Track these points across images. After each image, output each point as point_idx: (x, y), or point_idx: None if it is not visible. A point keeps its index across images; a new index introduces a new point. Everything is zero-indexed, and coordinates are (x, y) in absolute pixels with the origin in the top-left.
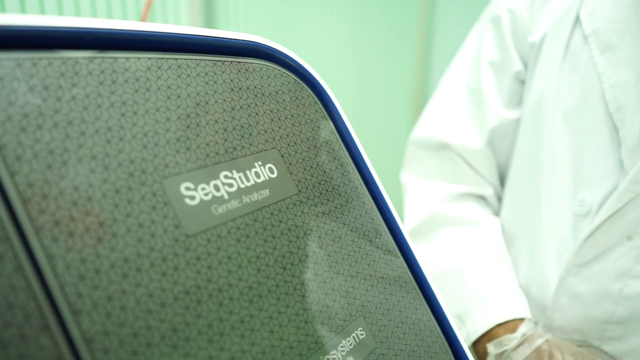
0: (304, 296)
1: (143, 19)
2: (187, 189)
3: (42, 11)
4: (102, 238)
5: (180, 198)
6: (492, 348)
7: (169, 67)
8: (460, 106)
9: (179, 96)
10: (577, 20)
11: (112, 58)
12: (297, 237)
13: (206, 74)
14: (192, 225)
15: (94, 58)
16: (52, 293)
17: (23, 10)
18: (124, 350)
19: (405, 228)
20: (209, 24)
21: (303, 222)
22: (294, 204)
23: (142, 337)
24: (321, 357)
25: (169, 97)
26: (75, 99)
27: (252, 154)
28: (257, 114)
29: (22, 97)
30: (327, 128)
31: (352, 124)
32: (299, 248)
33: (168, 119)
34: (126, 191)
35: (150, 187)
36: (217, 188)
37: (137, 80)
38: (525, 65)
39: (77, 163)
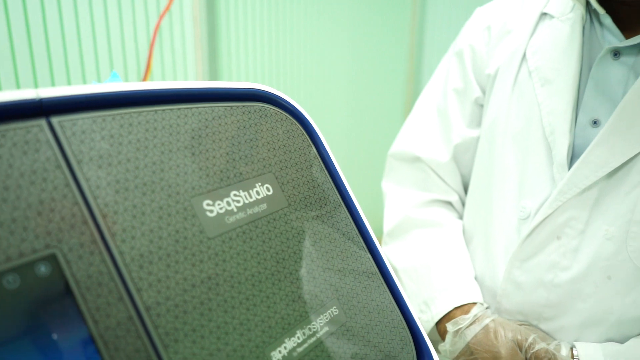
0: (292, 282)
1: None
2: (208, 204)
3: (65, 54)
4: (152, 240)
5: (203, 211)
6: (450, 326)
7: (192, 114)
8: (431, 125)
9: (200, 135)
10: (524, 57)
11: (153, 111)
12: (287, 238)
13: (219, 117)
14: (212, 231)
15: (141, 112)
16: (124, 277)
17: (31, 56)
18: (169, 315)
19: (372, 232)
20: (212, 27)
21: (291, 228)
22: (285, 214)
23: (180, 307)
24: (305, 326)
25: (193, 137)
26: (130, 143)
27: (254, 177)
28: (257, 145)
29: (98, 144)
30: (311, 154)
31: (346, 126)
32: (288, 246)
33: (193, 154)
34: (167, 207)
35: (182, 204)
36: (228, 204)
37: (171, 126)
38: (484, 92)
39: (134, 188)
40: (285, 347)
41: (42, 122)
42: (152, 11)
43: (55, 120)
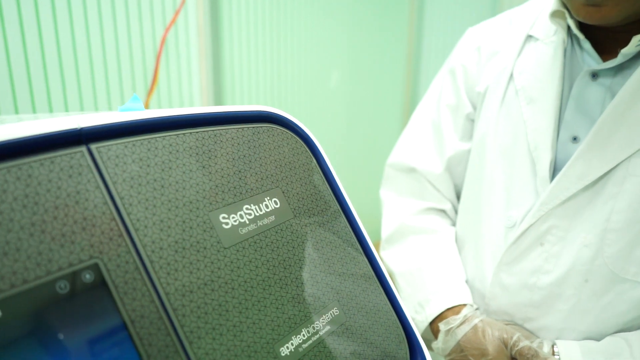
0: (297, 285)
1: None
2: (223, 218)
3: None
4: (177, 250)
5: (219, 224)
6: (442, 326)
7: (209, 137)
8: (426, 138)
9: (216, 156)
10: (511, 77)
11: (175, 135)
12: (293, 246)
13: (232, 138)
14: (227, 241)
15: (165, 136)
16: (154, 283)
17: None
18: (192, 316)
19: (369, 237)
20: (216, 38)
21: (297, 237)
22: (291, 225)
23: (202, 309)
24: (309, 325)
25: (210, 157)
26: (157, 164)
27: (263, 192)
28: (266, 163)
29: (129, 166)
30: (314, 169)
31: (345, 135)
32: (294, 254)
33: (210, 172)
34: (188, 220)
35: (202, 218)
36: (241, 216)
37: (190, 148)
38: (474, 108)
39: (161, 205)
40: (291, 344)
41: (83, 149)
42: (159, 23)
43: (93, 147)
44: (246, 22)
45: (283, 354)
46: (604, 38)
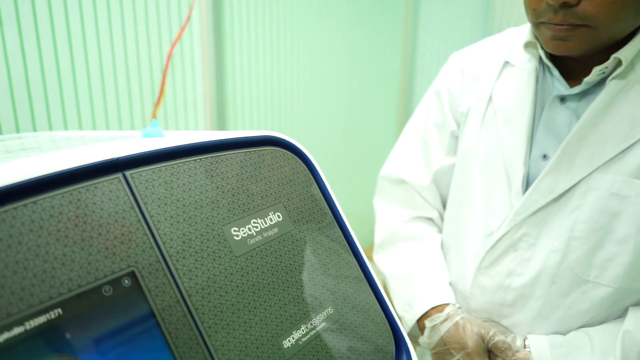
0: (298, 288)
1: (165, 70)
2: (235, 231)
3: (92, 110)
4: (197, 259)
5: (231, 236)
6: (427, 323)
7: (222, 161)
8: (414, 153)
9: (227, 177)
10: (490, 99)
11: (193, 160)
12: (294, 254)
13: (241, 161)
14: (238, 251)
15: (185, 162)
16: (179, 287)
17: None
18: (210, 314)
19: (359, 244)
20: (219, 53)
21: (297, 246)
22: (291, 235)
23: (218, 308)
24: (307, 322)
25: (222, 179)
26: (179, 186)
27: (268, 207)
28: (270, 182)
29: (157, 189)
30: (312, 185)
31: (341, 137)
32: (294, 260)
33: (222, 192)
34: (206, 234)
35: (217, 231)
36: (249, 229)
37: (206, 171)
38: (458, 126)
39: (183, 221)
40: (293, 337)
41: (120, 175)
42: (165, 39)
43: (127, 173)
44: (247, 38)
45: (286, 346)
46: (571, 66)
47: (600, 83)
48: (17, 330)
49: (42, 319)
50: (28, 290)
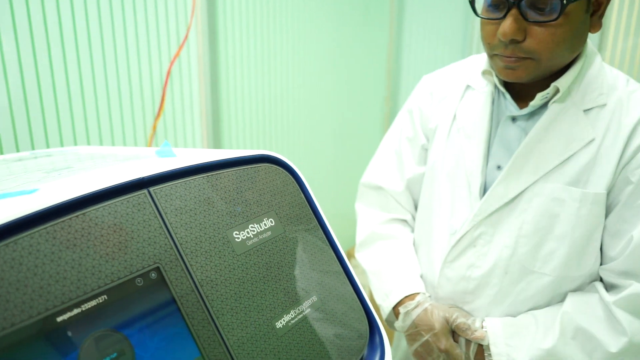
0: (288, 280)
1: (164, 85)
2: (236, 234)
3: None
4: (207, 257)
5: (233, 238)
6: (401, 309)
7: (224, 177)
8: (390, 163)
9: (229, 190)
10: (455, 117)
11: (202, 177)
12: (284, 253)
13: (240, 176)
14: (239, 250)
15: (195, 179)
16: (194, 279)
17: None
18: (217, 300)
19: (339, 243)
20: (214, 70)
21: (287, 246)
22: (282, 237)
23: (223, 296)
24: (296, 307)
25: (226, 192)
26: (191, 199)
27: (262, 214)
28: (264, 193)
29: (174, 201)
30: (299, 195)
31: (328, 148)
32: (285, 257)
33: (226, 202)
34: (213, 237)
35: (222, 234)
36: (248, 233)
37: (212, 185)
38: (428, 140)
39: (195, 227)
40: (284, 320)
41: (145, 192)
42: (165, 57)
43: (152, 189)
44: (240, 54)
45: (278, 327)
46: (520, 91)
47: (545, 105)
48: (76, 310)
49: (93, 303)
50: (83, 281)
